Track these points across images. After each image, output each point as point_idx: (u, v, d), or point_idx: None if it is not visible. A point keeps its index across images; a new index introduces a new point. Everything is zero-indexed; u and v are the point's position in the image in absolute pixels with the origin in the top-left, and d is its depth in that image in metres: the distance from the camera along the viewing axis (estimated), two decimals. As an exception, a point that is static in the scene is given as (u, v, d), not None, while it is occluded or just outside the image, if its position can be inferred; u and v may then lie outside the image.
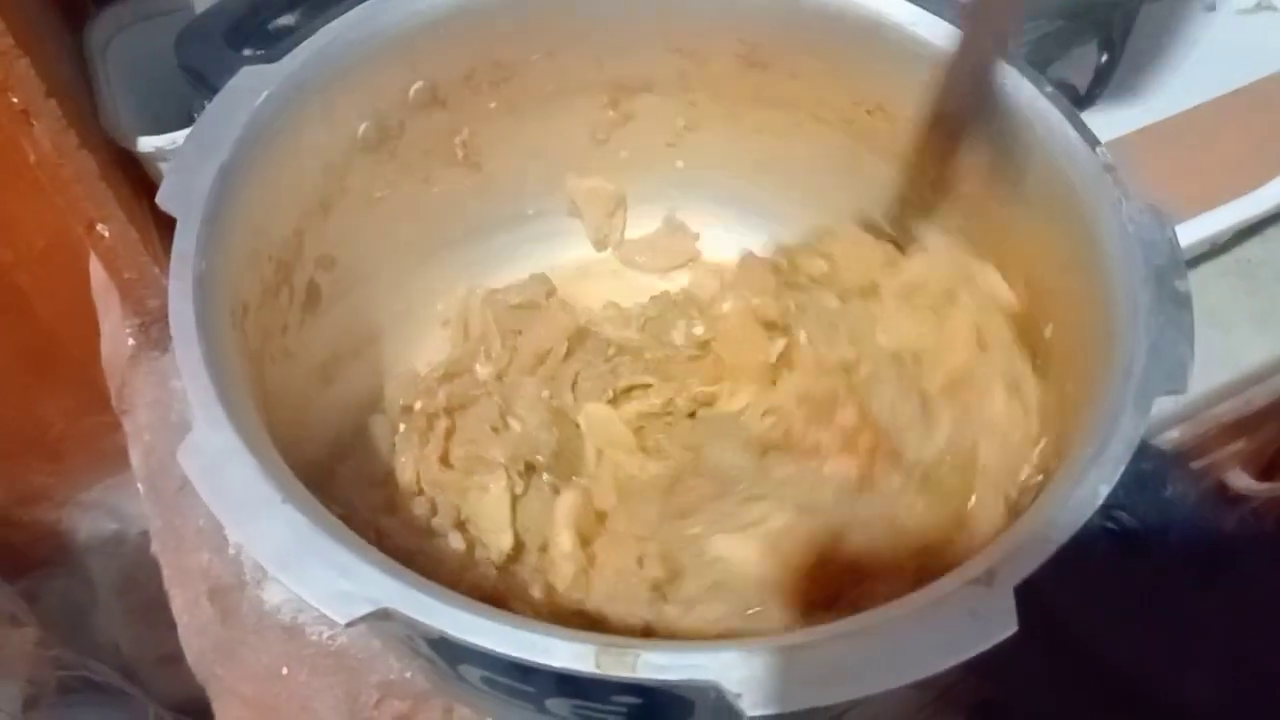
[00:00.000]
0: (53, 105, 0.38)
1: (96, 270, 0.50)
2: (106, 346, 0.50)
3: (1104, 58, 0.54)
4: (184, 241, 0.30)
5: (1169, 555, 0.25)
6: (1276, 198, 0.48)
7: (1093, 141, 0.33)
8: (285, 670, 0.40)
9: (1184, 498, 0.26)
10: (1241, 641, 0.25)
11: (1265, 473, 0.61)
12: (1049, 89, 0.34)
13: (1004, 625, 0.23)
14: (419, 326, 0.45)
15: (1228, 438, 0.54)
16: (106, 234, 0.43)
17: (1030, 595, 0.23)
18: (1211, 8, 0.58)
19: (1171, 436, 0.49)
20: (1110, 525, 0.25)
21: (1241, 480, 0.59)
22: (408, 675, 0.39)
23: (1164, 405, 0.47)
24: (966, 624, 0.23)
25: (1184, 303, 0.29)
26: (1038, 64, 0.54)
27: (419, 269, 0.44)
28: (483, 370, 0.43)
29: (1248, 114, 0.53)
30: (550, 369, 0.43)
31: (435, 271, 0.45)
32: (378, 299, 0.43)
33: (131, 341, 0.49)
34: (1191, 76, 0.54)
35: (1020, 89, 0.35)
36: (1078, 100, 0.53)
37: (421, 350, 0.44)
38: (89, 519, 0.86)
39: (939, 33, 0.36)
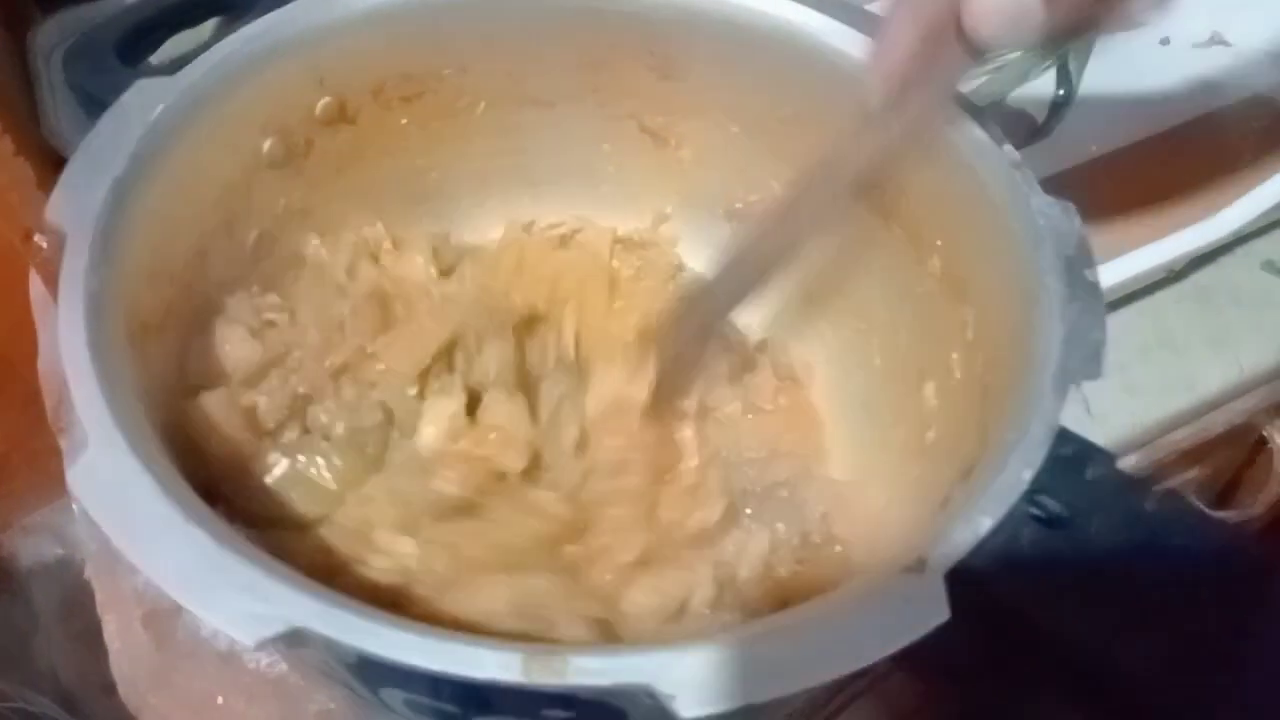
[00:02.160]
0: (-13, 111, 0.38)
1: (35, 283, 0.49)
2: (44, 361, 0.49)
3: (1060, 90, 0.55)
4: (74, 258, 0.29)
5: (1095, 535, 0.26)
6: (1230, 225, 0.48)
7: (999, 139, 0.34)
8: (221, 699, 0.39)
9: (1104, 479, 0.27)
10: (1171, 610, 0.25)
11: (1220, 500, 0.61)
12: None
13: (937, 612, 0.23)
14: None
15: (1184, 465, 0.54)
16: (44, 245, 0.42)
17: (964, 587, 0.24)
18: (1165, 41, 0.59)
19: (1128, 462, 0.49)
20: (1035, 512, 0.26)
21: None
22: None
23: (1121, 430, 0.48)
24: (901, 611, 0.24)
25: (1095, 291, 0.30)
26: (994, 96, 0.55)
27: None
28: None
29: (1201, 144, 0.54)
30: None
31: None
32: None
33: (71, 357, 0.47)
34: (1146, 108, 0.55)
35: None
36: (1035, 131, 0.54)
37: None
38: (32, 543, 0.84)
39: (851, 42, 0.36)
